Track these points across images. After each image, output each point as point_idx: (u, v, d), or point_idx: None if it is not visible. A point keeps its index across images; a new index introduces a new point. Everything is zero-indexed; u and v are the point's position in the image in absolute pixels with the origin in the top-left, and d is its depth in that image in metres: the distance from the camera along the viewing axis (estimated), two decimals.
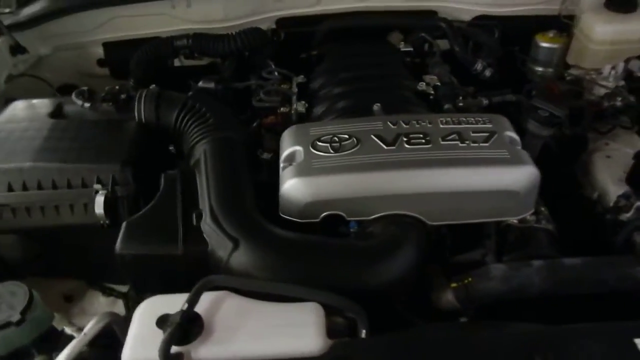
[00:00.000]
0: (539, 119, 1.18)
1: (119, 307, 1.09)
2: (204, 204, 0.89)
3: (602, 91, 1.31)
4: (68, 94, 1.16)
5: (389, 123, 0.96)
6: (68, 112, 1.11)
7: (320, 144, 0.93)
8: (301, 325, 0.72)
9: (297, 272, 0.80)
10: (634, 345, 0.65)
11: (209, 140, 1.01)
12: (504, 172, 0.88)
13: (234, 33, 1.35)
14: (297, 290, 0.75)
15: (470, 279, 0.89)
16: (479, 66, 1.35)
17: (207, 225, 0.85)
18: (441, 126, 0.95)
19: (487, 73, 1.35)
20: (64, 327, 0.84)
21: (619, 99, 1.31)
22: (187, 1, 1.38)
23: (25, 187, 0.94)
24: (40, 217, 0.96)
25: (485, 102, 1.18)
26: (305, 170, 0.89)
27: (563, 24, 1.41)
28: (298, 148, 0.93)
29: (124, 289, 1.11)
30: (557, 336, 0.69)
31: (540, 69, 1.43)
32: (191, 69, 1.47)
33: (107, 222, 0.94)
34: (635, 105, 1.30)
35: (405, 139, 0.92)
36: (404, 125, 0.95)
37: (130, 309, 1.07)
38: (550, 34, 1.40)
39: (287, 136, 0.98)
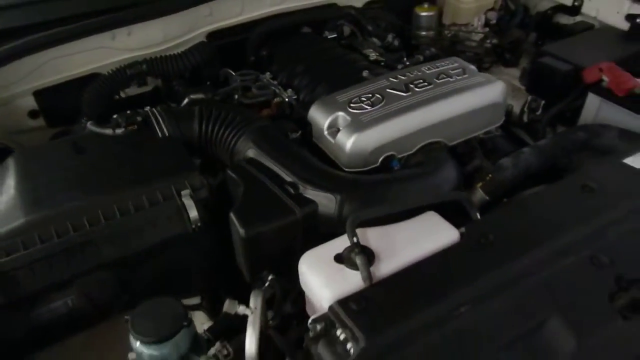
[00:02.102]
0: None
1: (198, 317, 1.11)
2: (291, 176, 1.00)
3: (477, 37, 1.74)
4: None
5: (391, 79, 1.19)
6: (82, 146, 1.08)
7: (354, 105, 1.11)
8: (434, 226, 0.91)
9: (397, 199, 0.98)
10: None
11: (249, 132, 1.11)
12: (489, 90, 1.18)
13: (184, 51, 1.43)
14: (419, 200, 0.94)
15: (490, 175, 1.18)
16: (389, 38, 1.65)
17: (308, 190, 0.97)
18: (428, 72, 1.22)
19: (396, 42, 1.66)
20: (236, 308, 0.87)
21: (488, 41, 1.76)
22: (128, 29, 1.39)
23: (105, 218, 0.92)
24: (125, 244, 0.95)
25: (421, 58, 1.48)
26: (360, 125, 1.06)
27: None
28: (339, 113, 1.10)
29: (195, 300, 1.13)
30: None
31: (423, 33, 1.80)
32: (136, 98, 1.48)
33: (198, 224, 0.98)
34: (498, 44, 1.76)
35: (412, 86, 1.16)
36: (403, 78, 1.19)
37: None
38: (425, 5, 1.78)
39: (318, 110, 1.14)
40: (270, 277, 0.96)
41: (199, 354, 0.86)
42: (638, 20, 1.50)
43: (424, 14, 1.76)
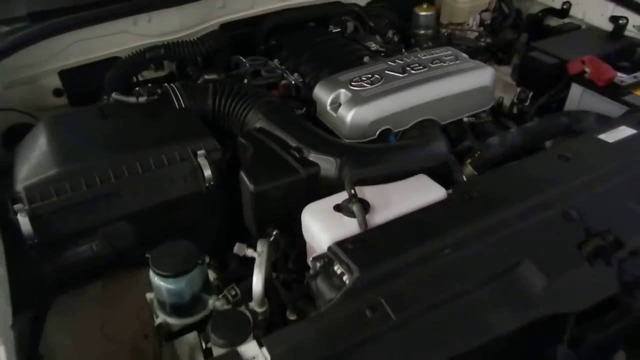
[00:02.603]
0: None
1: None
2: (296, 142, 1.10)
3: (472, 36, 1.86)
4: (18, 137, 1.20)
5: (389, 63, 1.30)
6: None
7: (355, 83, 1.22)
8: (424, 186, 1.02)
9: (392, 163, 1.09)
10: None
11: (259, 106, 1.22)
12: (479, 74, 1.29)
13: (199, 37, 1.54)
14: (412, 163, 1.04)
15: (478, 152, 1.28)
16: (390, 34, 1.77)
17: (311, 154, 1.08)
18: (423, 58, 1.33)
19: (396, 38, 1.78)
20: (245, 251, 0.97)
21: (482, 40, 1.88)
22: (148, 16, 1.51)
23: (129, 173, 1.03)
24: (147, 198, 1.05)
25: (418, 50, 1.60)
26: (359, 100, 1.17)
27: None
28: (341, 90, 1.21)
29: None
30: None
31: (422, 31, 1.91)
32: (152, 81, 1.59)
33: (211, 183, 1.08)
34: (492, 43, 1.88)
35: (409, 68, 1.27)
36: (400, 62, 1.31)
37: None
38: (424, 5, 1.90)
39: (321, 87, 1.25)
40: (275, 232, 1.06)
41: (209, 295, 0.96)
42: (620, 21, 1.62)
43: (422, 13, 1.88)
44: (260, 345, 0.74)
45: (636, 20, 1.62)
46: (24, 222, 0.93)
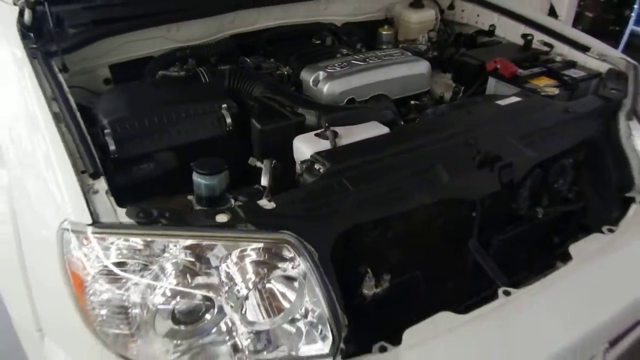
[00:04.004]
0: None
1: None
2: (289, 102, 1.60)
3: (422, 49, 2.41)
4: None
5: (355, 56, 1.83)
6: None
7: (330, 67, 1.74)
8: (376, 127, 1.51)
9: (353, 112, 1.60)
10: None
11: (262, 82, 1.72)
12: (418, 64, 1.83)
13: (216, 42, 2.07)
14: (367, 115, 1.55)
15: (417, 120, 1.79)
16: (358, 46, 2.29)
17: (299, 110, 1.57)
18: (379, 54, 1.86)
19: (363, 50, 2.32)
20: (255, 162, 1.44)
21: (430, 53, 2.43)
22: (177, 26, 2.03)
23: (175, 117, 1.51)
24: (185, 136, 1.53)
25: None
26: (333, 77, 1.69)
27: (389, 21, 2.50)
28: (320, 72, 1.73)
29: None
30: None
31: (384, 46, 2.46)
32: None
33: (230, 128, 1.56)
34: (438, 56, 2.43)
35: (368, 59, 1.80)
36: (363, 56, 1.84)
37: None
38: (385, 27, 2.45)
39: (307, 71, 1.77)
40: (274, 162, 1.54)
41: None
42: (528, 37, 2.18)
43: (384, 32, 2.43)
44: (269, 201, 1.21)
45: (539, 37, 2.19)
46: (110, 142, 1.40)
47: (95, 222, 1.07)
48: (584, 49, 2.03)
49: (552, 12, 3.90)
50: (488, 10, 2.39)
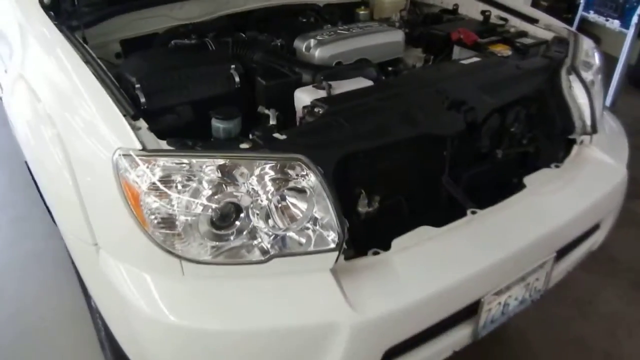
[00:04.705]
0: None
1: None
2: (287, 64, 1.88)
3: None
4: None
5: (340, 28, 2.12)
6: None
7: (319, 36, 2.03)
8: (361, 80, 1.80)
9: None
10: None
11: (262, 48, 2.00)
12: (393, 33, 2.13)
13: (213, 19, 2.33)
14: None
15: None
16: (339, 24, 2.59)
17: (296, 69, 1.85)
18: (360, 25, 2.16)
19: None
20: (264, 110, 1.71)
21: (402, 30, 2.74)
22: (180, 5, 2.28)
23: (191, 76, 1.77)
24: (200, 91, 1.79)
25: None
26: (323, 43, 1.97)
27: (365, 2, 2.80)
28: (311, 40, 2.01)
29: None
30: None
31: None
32: None
33: (238, 85, 1.83)
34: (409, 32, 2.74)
35: (351, 29, 2.09)
36: (347, 27, 2.13)
37: None
38: (362, 7, 2.75)
39: (300, 39, 2.05)
40: (277, 113, 1.81)
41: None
42: (486, 13, 2.51)
43: (361, 12, 2.73)
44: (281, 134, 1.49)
45: (496, 13, 2.52)
46: (140, 95, 1.65)
47: (144, 149, 1.33)
48: (533, 21, 2.37)
49: None
50: None
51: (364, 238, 1.53)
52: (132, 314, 1.35)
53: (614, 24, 4.61)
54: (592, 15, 4.86)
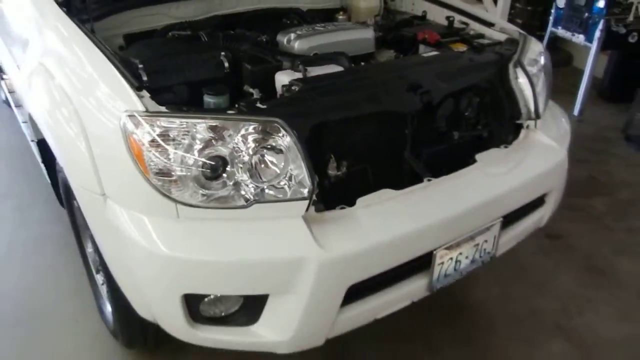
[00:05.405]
0: None
1: None
2: (269, 54, 2.16)
3: None
4: None
5: (317, 25, 2.42)
6: None
7: (299, 31, 2.32)
8: (336, 67, 2.09)
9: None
10: None
11: (249, 42, 2.28)
12: (364, 31, 2.43)
13: (206, 18, 2.62)
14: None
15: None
16: None
17: (279, 58, 2.13)
18: (336, 24, 2.46)
19: None
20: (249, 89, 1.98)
21: (377, 33, 3.05)
22: (176, 5, 2.57)
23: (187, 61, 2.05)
24: (195, 74, 2.06)
25: None
26: (301, 36, 2.26)
27: (344, 8, 3.11)
28: (292, 34, 2.30)
29: None
30: None
31: None
32: None
33: (227, 70, 2.11)
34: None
35: (327, 26, 2.39)
36: (324, 25, 2.43)
37: None
38: (341, 12, 3.06)
39: (282, 34, 2.32)
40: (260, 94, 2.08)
41: None
42: (450, 19, 2.83)
43: (340, 17, 3.04)
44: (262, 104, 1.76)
45: (459, 18, 2.84)
46: (143, 74, 1.91)
47: (147, 111, 1.60)
48: (490, 25, 2.69)
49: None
50: (421, 0, 3.05)
51: (333, 197, 1.80)
52: (135, 251, 1.60)
53: (579, 38, 4.97)
54: (560, 31, 5.22)
